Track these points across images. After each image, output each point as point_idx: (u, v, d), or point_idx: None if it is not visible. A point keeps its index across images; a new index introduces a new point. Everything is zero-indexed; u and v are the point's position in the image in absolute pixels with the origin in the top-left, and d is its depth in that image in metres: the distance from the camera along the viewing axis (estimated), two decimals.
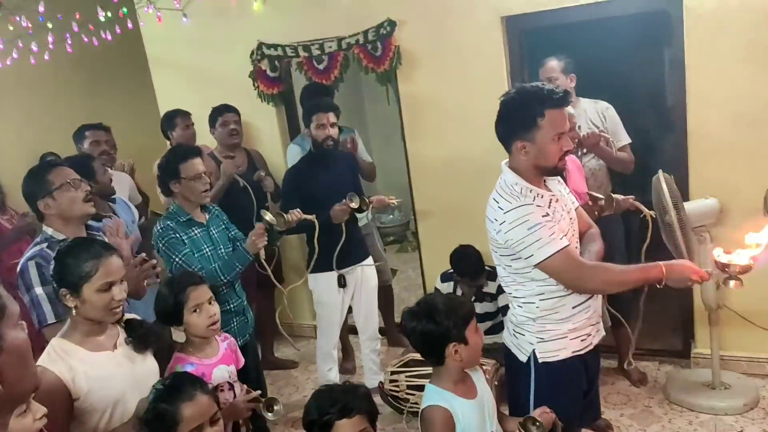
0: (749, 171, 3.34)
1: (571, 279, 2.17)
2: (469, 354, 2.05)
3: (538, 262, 2.13)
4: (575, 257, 2.18)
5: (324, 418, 1.83)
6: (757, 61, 3.22)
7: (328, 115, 3.53)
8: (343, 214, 3.46)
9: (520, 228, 2.13)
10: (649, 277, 2.16)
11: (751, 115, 3.30)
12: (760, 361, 3.60)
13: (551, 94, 2.15)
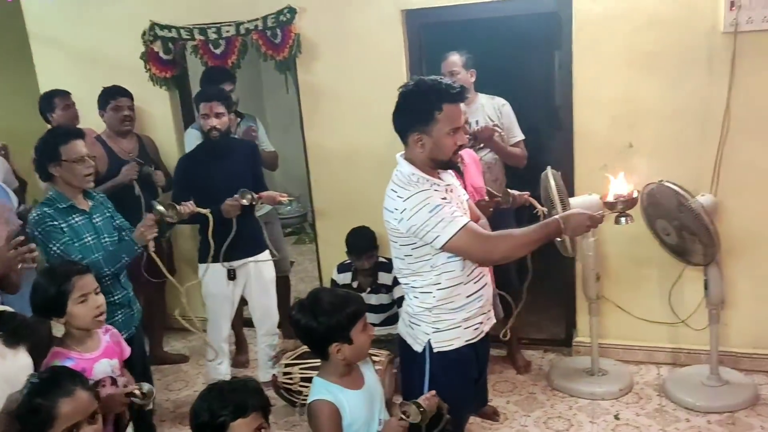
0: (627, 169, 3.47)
1: (479, 252, 2.22)
2: (353, 353, 2.04)
3: (445, 242, 2.16)
4: (479, 231, 2.23)
5: (218, 421, 1.74)
6: (636, 66, 3.42)
7: (212, 105, 3.37)
8: (234, 209, 3.36)
9: (422, 212, 2.16)
10: (550, 232, 2.24)
11: (630, 116, 3.50)
12: (634, 349, 3.84)
13: (449, 89, 2.19)
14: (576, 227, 2.26)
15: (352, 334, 2.02)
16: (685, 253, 3.37)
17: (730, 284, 3.50)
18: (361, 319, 2.05)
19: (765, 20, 3.13)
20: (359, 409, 2.05)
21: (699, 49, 3.30)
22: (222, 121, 3.40)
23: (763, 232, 3.43)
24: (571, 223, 2.24)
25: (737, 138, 3.33)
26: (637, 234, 3.53)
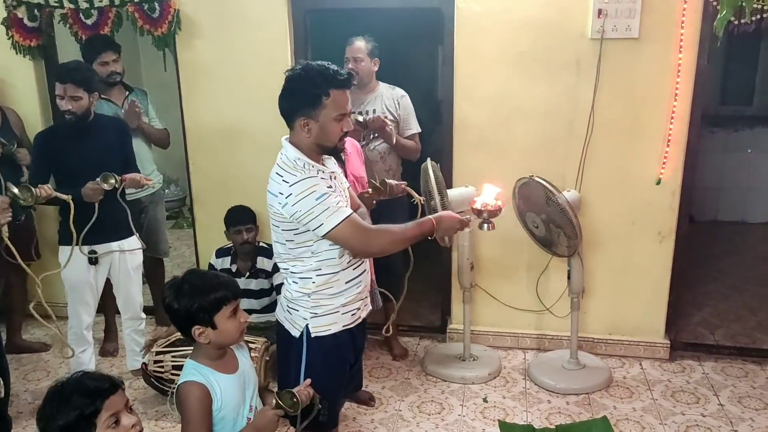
0: (502, 164, 3.70)
1: (359, 244, 2.26)
2: (218, 338, 2.00)
3: (328, 230, 2.18)
4: (361, 223, 2.27)
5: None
6: (513, 66, 3.58)
7: (66, 87, 3.15)
8: (96, 194, 3.19)
9: (308, 199, 2.16)
10: (424, 230, 2.37)
11: (506, 113, 3.66)
12: (504, 335, 4.03)
13: (337, 75, 2.20)
14: (447, 229, 2.44)
15: (216, 319, 1.98)
16: (552, 244, 3.57)
17: (589, 274, 3.75)
18: (229, 305, 2.00)
19: (628, 29, 3.36)
20: (231, 393, 2.02)
21: (569, 53, 3.50)
22: (79, 105, 3.17)
23: (619, 227, 3.71)
24: (442, 225, 2.41)
25: (600, 138, 3.57)
26: (509, 226, 3.69)
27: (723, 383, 3.60)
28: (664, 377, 3.68)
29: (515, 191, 3.54)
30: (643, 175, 3.61)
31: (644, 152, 3.57)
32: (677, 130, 3.49)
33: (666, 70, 3.41)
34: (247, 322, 2.08)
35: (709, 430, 3.21)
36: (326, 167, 2.33)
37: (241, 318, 2.05)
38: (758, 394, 3.49)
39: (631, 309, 3.85)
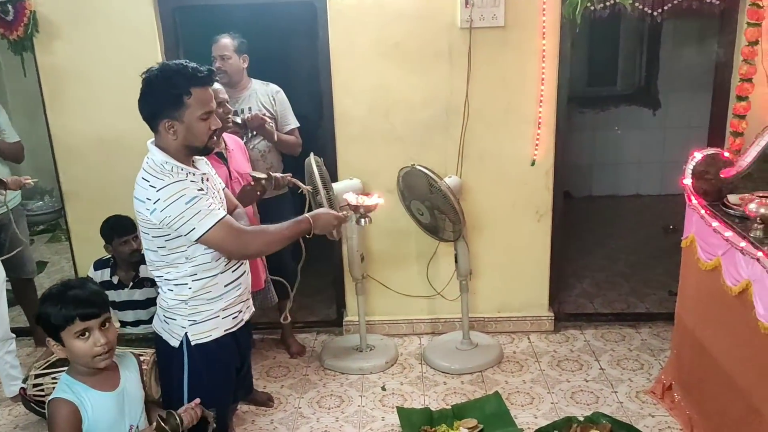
0: (385, 154, 3.75)
1: (235, 246, 2.21)
2: (71, 356, 1.92)
3: (200, 235, 2.12)
4: (236, 225, 2.23)
5: None
6: (388, 57, 3.62)
7: None
8: None
9: (178, 203, 2.09)
10: (301, 229, 2.34)
11: (385, 104, 3.70)
12: (399, 323, 4.10)
13: (196, 72, 2.13)
14: (324, 226, 2.42)
15: (62, 336, 1.89)
16: (438, 230, 3.66)
17: (476, 257, 3.88)
18: (73, 326, 1.87)
19: (494, 18, 3.48)
20: (105, 411, 1.93)
21: (441, 43, 3.58)
22: None
23: (499, 210, 3.85)
24: (319, 222, 2.39)
25: (476, 125, 3.69)
26: (396, 215, 3.76)
27: (603, 348, 3.83)
28: (550, 348, 3.87)
29: (399, 180, 3.60)
30: (518, 158, 3.76)
31: (518, 135, 3.72)
32: (546, 113, 3.65)
33: (532, 55, 3.57)
34: (107, 346, 1.93)
35: (592, 393, 3.41)
36: (197, 169, 2.27)
37: (97, 342, 1.90)
38: (635, 356, 3.74)
39: (516, 286, 4.01)
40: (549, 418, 3.21)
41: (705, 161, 3.02)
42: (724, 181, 3.00)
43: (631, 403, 3.30)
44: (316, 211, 2.47)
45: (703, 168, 3.02)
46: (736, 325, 2.66)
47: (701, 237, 2.99)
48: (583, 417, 3.16)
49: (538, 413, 3.27)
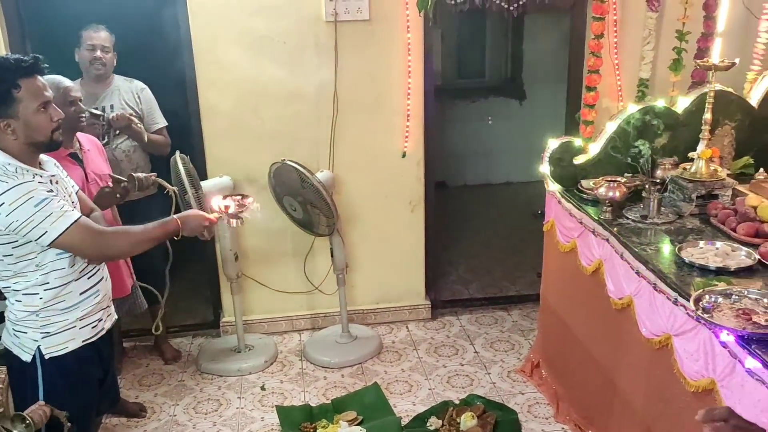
0: (255, 150, 3.68)
1: (94, 248, 2.10)
2: None
3: (54, 238, 1.99)
4: (93, 226, 2.11)
5: None
6: (254, 50, 3.54)
7: None
8: None
9: (26, 206, 1.95)
10: (169, 230, 2.25)
11: (253, 98, 3.63)
12: (278, 320, 4.05)
13: (20, 63, 2.00)
14: (194, 227, 2.34)
15: None
16: (312, 225, 3.63)
17: (352, 249, 3.90)
18: None
19: (359, 11, 3.50)
20: None
21: (308, 36, 3.55)
22: None
23: (372, 202, 3.88)
24: (189, 224, 2.31)
25: (346, 117, 3.69)
26: (269, 213, 3.69)
27: (477, 332, 3.97)
28: (428, 335, 3.96)
29: (270, 176, 3.54)
30: (389, 150, 3.80)
31: (388, 127, 3.76)
32: (414, 105, 3.72)
33: (398, 49, 3.61)
34: None
35: (467, 376, 3.52)
36: (45, 171, 2.12)
37: None
38: (506, 337, 3.90)
39: (393, 277, 4.07)
40: (427, 404, 3.29)
41: (560, 149, 3.18)
42: (577, 167, 3.18)
43: (503, 383, 3.44)
44: (186, 213, 2.39)
45: (559, 155, 3.19)
46: (591, 303, 2.84)
47: (560, 221, 3.16)
48: (459, 400, 3.26)
49: (417, 400, 3.34)
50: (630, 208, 2.85)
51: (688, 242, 2.48)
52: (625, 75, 3.66)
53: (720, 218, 2.61)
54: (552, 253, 3.29)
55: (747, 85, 3.26)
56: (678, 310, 2.17)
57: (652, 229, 2.68)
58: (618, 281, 2.59)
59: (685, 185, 2.78)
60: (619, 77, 3.67)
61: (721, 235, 2.55)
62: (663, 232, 2.64)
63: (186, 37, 3.53)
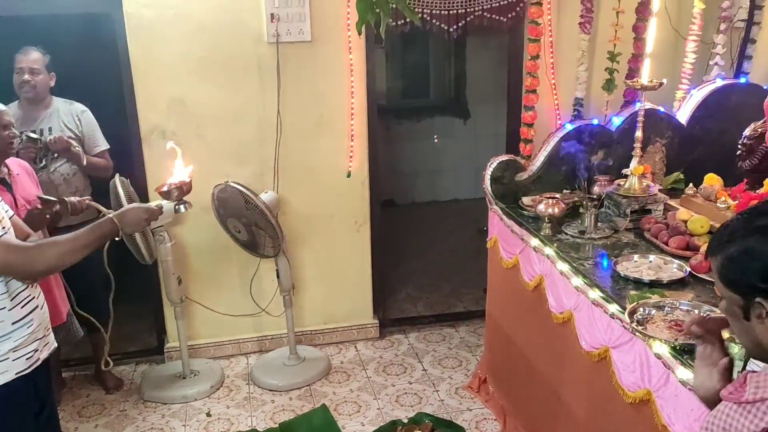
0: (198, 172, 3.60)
1: (20, 266, 2.01)
2: None
3: None
4: (15, 242, 2.03)
5: None
6: (195, 71, 3.51)
7: None
8: None
9: None
10: (105, 232, 2.16)
11: (195, 119, 3.59)
12: (225, 344, 3.98)
13: None
14: (134, 223, 2.26)
15: None
16: (257, 247, 3.60)
17: (299, 270, 3.88)
18: None
19: (301, 33, 3.51)
20: None
21: (250, 57, 3.54)
22: None
23: (318, 222, 3.87)
24: (127, 219, 2.23)
25: (290, 138, 3.69)
26: (213, 234, 3.66)
27: (425, 350, 3.99)
28: (376, 354, 3.96)
29: (213, 198, 3.50)
30: (334, 169, 3.81)
31: (332, 148, 3.77)
32: (358, 125, 3.74)
33: (340, 69, 3.63)
34: None
35: (416, 395, 3.53)
36: None
37: None
38: (454, 354, 3.93)
39: (341, 297, 4.06)
40: (375, 423, 3.27)
41: (500, 167, 3.25)
42: (518, 185, 3.25)
43: (451, 400, 3.46)
44: (122, 209, 2.30)
45: (500, 173, 3.26)
46: (534, 318, 2.88)
47: (502, 237, 3.21)
48: (408, 419, 3.26)
49: (365, 420, 3.32)
50: (569, 223, 2.92)
51: (624, 256, 2.56)
52: (562, 94, 3.77)
53: (653, 232, 2.70)
54: (496, 270, 3.34)
55: (676, 104, 3.40)
56: (614, 323, 2.22)
57: (589, 244, 2.75)
58: (558, 296, 2.64)
59: (619, 201, 2.87)
60: (556, 96, 3.77)
61: (655, 249, 2.63)
62: (600, 246, 2.72)
63: (125, 58, 3.47)
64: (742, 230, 1.10)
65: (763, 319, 1.07)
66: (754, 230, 1.08)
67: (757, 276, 1.06)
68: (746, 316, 1.10)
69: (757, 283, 1.06)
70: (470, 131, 6.68)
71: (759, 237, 1.07)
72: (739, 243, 1.09)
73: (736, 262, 1.10)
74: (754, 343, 1.11)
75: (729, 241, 1.12)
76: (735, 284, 1.11)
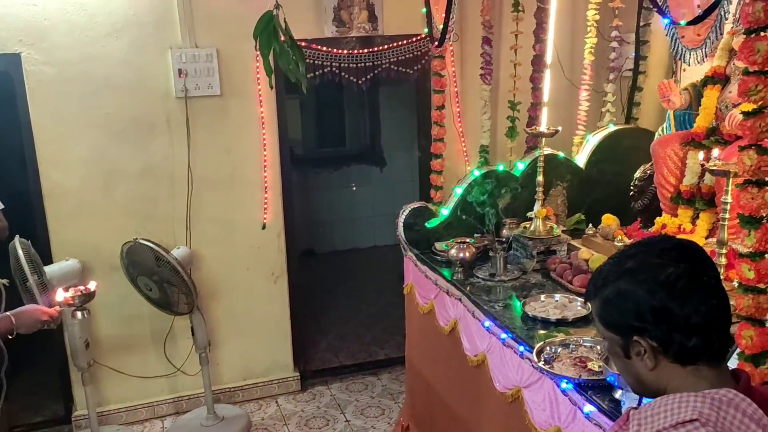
0: (107, 229, 3.52)
1: None
2: None
3: None
4: None
5: None
6: (101, 127, 3.44)
7: None
8: None
9: None
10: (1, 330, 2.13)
11: (101, 176, 3.50)
12: (138, 408, 3.81)
13: None
14: (30, 324, 2.24)
15: None
16: (170, 305, 3.49)
17: (215, 326, 3.79)
18: None
19: (210, 87, 3.51)
20: None
21: (158, 112, 3.51)
22: None
23: (234, 275, 3.82)
24: (23, 321, 2.21)
25: (203, 191, 3.65)
26: (123, 293, 3.54)
27: (348, 400, 3.95)
28: (298, 408, 3.89)
29: (122, 256, 3.39)
30: (249, 222, 3.78)
31: (246, 200, 3.75)
32: (271, 176, 3.74)
33: (251, 122, 3.65)
34: None
35: None
36: None
37: None
38: (377, 403, 3.91)
39: (260, 351, 3.98)
40: None
41: (413, 214, 3.31)
42: (431, 231, 3.32)
43: None
44: (21, 309, 2.25)
45: (413, 220, 3.32)
46: (451, 362, 2.92)
47: (417, 283, 3.26)
48: None
49: None
50: (480, 267, 3.00)
51: (532, 297, 2.65)
52: (469, 141, 3.92)
53: (558, 272, 2.81)
54: (413, 315, 3.37)
55: (575, 149, 3.59)
56: (524, 363, 2.28)
57: (500, 286, 2.83)
58: (472, 339, 2.69)
59: (526, 243, 2.98)
60: (464, 144, 3.91)
61: (560, 288, 2.74)
62: (510, 288, 2.80)
63: (25, 116, 3.37)
64: (614, 274, 1.17)
65: (642, 356, 1.13)
66: (624, 273, 1.15)
67: (631, 316, 1.12)
68: (626, 354, 1.16)
69: (633, 322, 1.12)
70: (387, 178, 6.78)
71: (628, 279, 1.14)
72: (611, 286, 1.16)
73: (611, 304, 1.16)
74: (636, 380, 1.17)
75: (603, 285, 1.18)
76: (613, 325, 1.17)
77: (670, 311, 1.09)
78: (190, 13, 3.43)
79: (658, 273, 1.11)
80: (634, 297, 1.12)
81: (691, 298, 1.08)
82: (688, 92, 2.76)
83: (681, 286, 1.09)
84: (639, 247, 1.20)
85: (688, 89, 2.77)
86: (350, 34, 3.67)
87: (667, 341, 1.10)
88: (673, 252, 1.14)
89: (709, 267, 1.15)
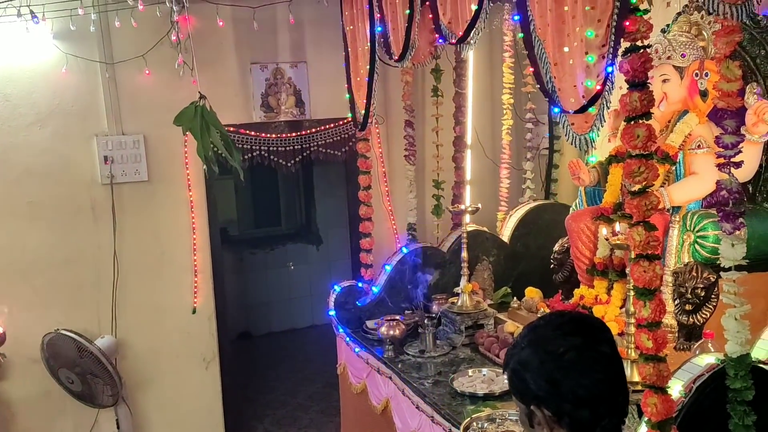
0: (25, 321, 3.39)
1: None
2: None
3: None
4: None
5: None
6: (21, 216, 3.38)
7: None
8: None
9: None
10: None
11: (21, 266, 3.40)
12: None
13: None
14: None
15: None
16: (94, 397, 3.37)
17: (143, 417, 3.65)
18: None
19: (137, 173, 3.52)
20: None
21: (83, 199, 3.48)
22: None
23: (163, 363, 3.71)
24: None
25: (129, 278, 3.58)
26: (44, 386, 3.40)
27: None
28: None
29: (43, 348, 3.27)
30: (179, 307, 3.71)
31: (176, 285, 3.70)
32: (201, 260, 3.72)
33: (180, 206, 3.65)
34: None
35: None
36: None
37: None
38: None
39: None
40: None
41: (344, 293, 3.34)
42: (361, 309, 3.33)
43: None
44: None
45: (343, 299, 3.34)
46: None
47: (350, 362, 3.25)
48: None
49: None
50: (410, 343, 3.02)
51: (460, 372, 2.67)
52: (399, 219, 4.01)
53: (486, 346, 2.86)
54: (347, 395, 3.34)
55: (499, 224, 3.72)
56: None
57: (429, 363, 2.85)
58: (404, 417, 2.68)
59: (454, 318, 3.02)
60: (394, 222, 4.00)
61: (488, 362, 2.78)
62: (439, 364, 2.82)
63: None
64: (520, 345, 1.23)
65: (542, 425, 1.17)
66: (528, 344, 1.21)
67: (529, 385, 1.17)
68: (531, 423, 1.20)
69: (530, 391, 1.17)
70: (323, 257, 6.79)
71: (529, 350, 1.20)
72: (517, 357, 1.22)
73: (515, 374, 1.21)
74: None
75: (512, 355, 1.24)
76: (518, 395, 1.22)
77: (559, 383, 1.14)
78: (116, 101, 3.47)
79: (550, 345, 1.17)
80: (531, 367, 1.17)
81: (575, 371, 1.14)
82: (596, 170, 2.93)
83: (568, 359, 1.14)
84: (542, 320, 1.26)
85: (596, 167, 2.95)
86: (278, 119, 3.77)
87: (559, 412, 1.15)
88: (568, 326, 1.21)
89: (603, 341, 1.21)
